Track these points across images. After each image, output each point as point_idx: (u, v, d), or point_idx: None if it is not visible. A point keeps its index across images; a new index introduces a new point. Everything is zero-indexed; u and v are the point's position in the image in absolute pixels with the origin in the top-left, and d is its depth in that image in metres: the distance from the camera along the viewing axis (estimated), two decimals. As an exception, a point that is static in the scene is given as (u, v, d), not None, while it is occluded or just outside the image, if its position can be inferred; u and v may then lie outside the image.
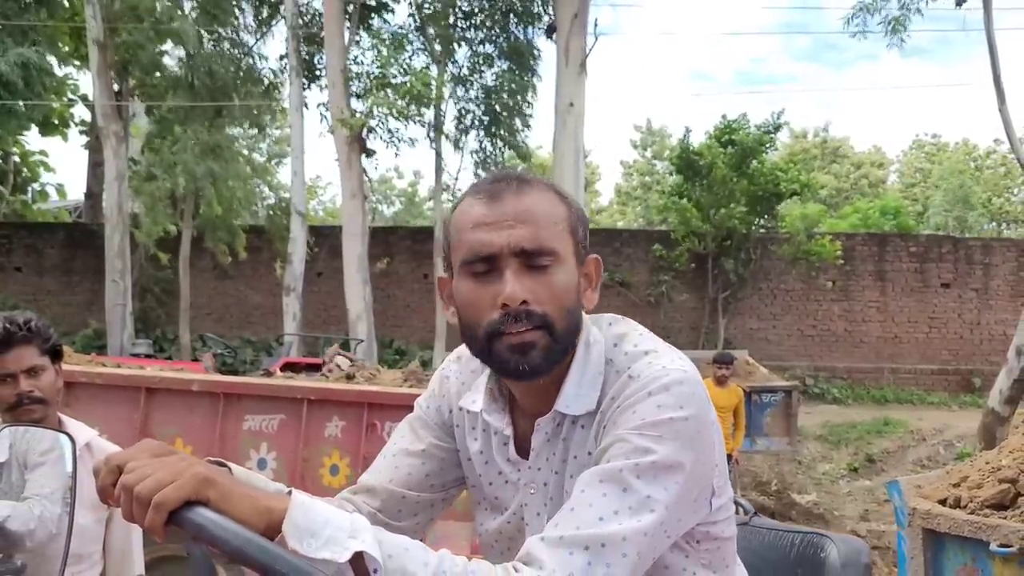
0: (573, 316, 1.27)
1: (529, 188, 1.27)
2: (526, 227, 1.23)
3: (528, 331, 1.21)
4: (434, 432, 1.46)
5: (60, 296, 18.32)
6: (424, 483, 1.44)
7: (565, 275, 1.26)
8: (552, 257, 1.24)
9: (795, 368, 17.24)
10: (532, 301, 1.22)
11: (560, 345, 1.24)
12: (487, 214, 1.25)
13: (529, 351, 1.22)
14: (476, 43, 16.69)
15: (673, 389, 1.19)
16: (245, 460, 4.92)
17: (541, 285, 1.23)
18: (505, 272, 1.22)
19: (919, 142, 40.87)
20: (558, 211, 1.28)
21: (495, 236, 1.23)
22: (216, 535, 0.97)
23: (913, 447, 13.22)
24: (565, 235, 1.27)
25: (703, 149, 17.31)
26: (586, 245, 1.32)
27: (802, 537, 1.69)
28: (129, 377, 5.12)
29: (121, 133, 15.50)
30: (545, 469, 1.32)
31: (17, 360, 2.26)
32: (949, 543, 3.31)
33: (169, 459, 1.01)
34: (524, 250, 1.22)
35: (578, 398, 1.28)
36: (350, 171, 13.74)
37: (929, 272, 18.40)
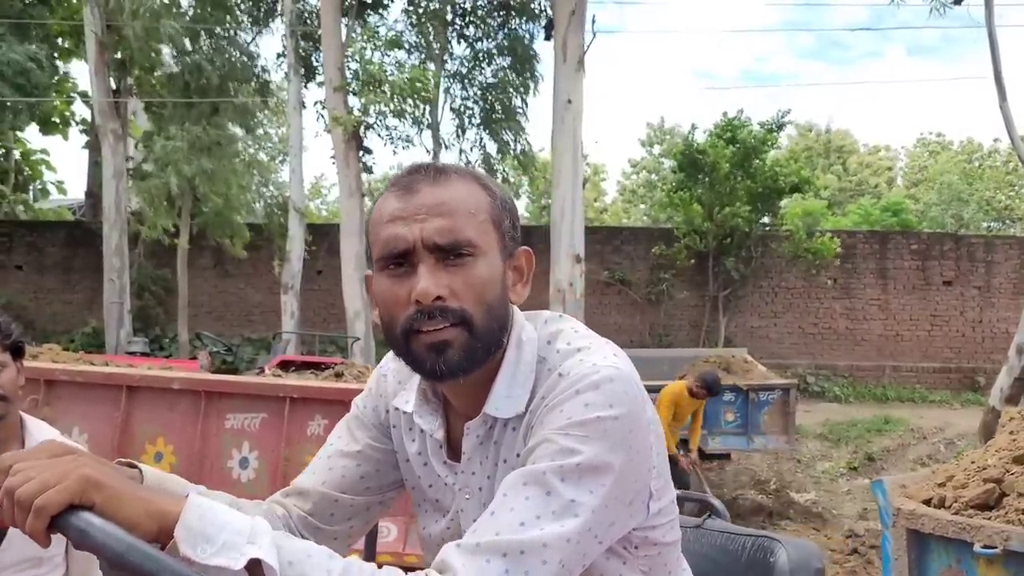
0: (496, 312, 1.20)
1: (445, 178, 1.21)
2: (441, 220, 1.17)
3: (444, 328, 1.15)
4: (370, 432, 1.40)
5: (60, 294, 18.33)
6: (359, 485, 1.38)
7: (486, 268, 1.19)
8: (470, 250, 1.17)
9: (796, 366, 17.18)
10: (448, 296, 1.15)
11: (481, 343, 1.18)
12: (401, 208, 1.19)
13: (446, 350, 1.16)
14: (474, 40, 16.65)
15: (603, 387, 1.12)
16: (227, 459, 4.88)
17: (458, 280, 1.16)
18: (419, 267, 1.17)
19: (923, 140, 40.75)
20: (478, 201, 1.21)
21: (408, 230, 1.17)
22: (98, 541, 0.92)
23: (914, 445, 13.15)
24: (486, 226, 1.20)
25: (706, 147, 17.24)
26: (516, 236, 1.26)
27: (753, 540, 1.64)
28: (110, 375, 5.06)
29: (119, 131, 15.51)
30: (479, 473, 1.26)
31: None
32: (934, 544, 3.25)
33: (60, 460, 0.96)
34: (437, 244, 1.16)
35: (508, 400, 1.22)
36: (348, 169, 13.72)
37: (931, 270, 18.33)
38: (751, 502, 10.10)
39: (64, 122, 21.51)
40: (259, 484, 4.85)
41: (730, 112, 17.90)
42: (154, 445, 4.90)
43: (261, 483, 4.85)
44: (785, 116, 17.69)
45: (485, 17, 16.47)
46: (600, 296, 18.01)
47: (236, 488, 4.82)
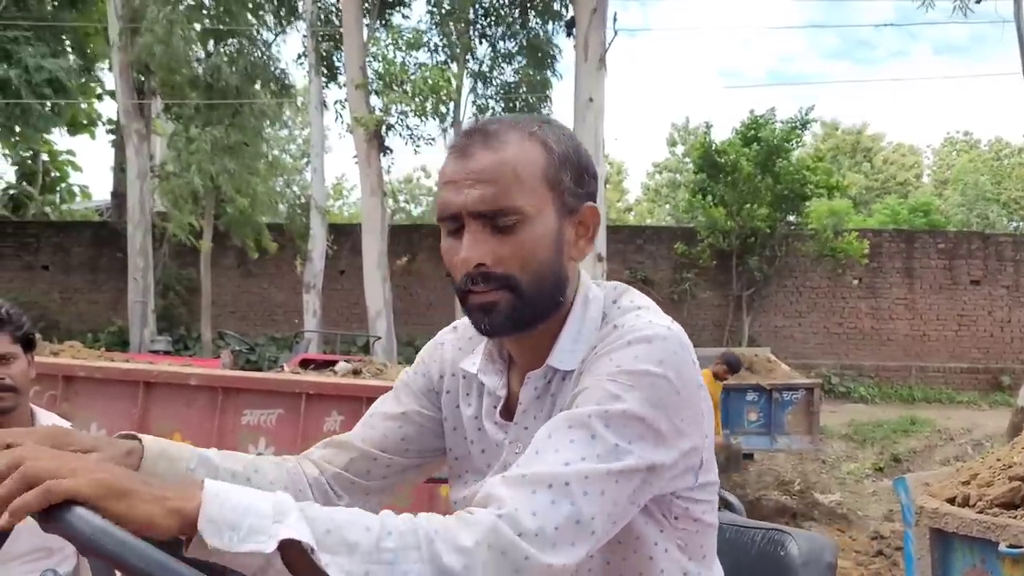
0: (547, 274, 1.21)
1: (496, 141, 1.19)
2: (484, 187, 1.17)
3: (490, 291, 1.18)
4: (418, 399, 1.42)
5: (86, 294, 18.52)
6: (399, 446, 1.39)
7: (535, 233, 1.19)
8: (516, 216, 1.17)
9: (821, 366, 17.03)
10: (492, 263, 1.17)
11: (528, 306, 1.19)
12: (452, 171, 1.20)
13: (492, 310, 1.19)
14: (496, 39, 16.64)
15: (655, 343, 1.14)
16: (243, 455, 4.87)
17: (504, 246, 1.18)
18: (464, 234, 1.18)
19: (951, 139, 40.33)
20: (531, 162, 1.19)
21: (455, 196, 1.19)
22: (87, 536, 0.89)
23: (940, 446, 12.99)
24: (538, 188, 1.19)
25: (726, 147, 17.12)
26: (579, 192, 1.24)
27: (764, 533, 1.60)
28: (128, 371, 5.08)
29: (143, 131, 15.65)
30: (532, 427, 1.24)
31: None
32: (957, 543, 3.20)
33: (83, 457, 0.97)
34: (480, 212, 1.17)
35: (572, 353, 1.24)
36: (369, 168, 13.76)
37: (958, 269, 18.12)
38: (775, 503, 10.01)
39: (91, 122, 21.73)
40: (275, 480, 4.86)
41: (757, 111, 17.75)
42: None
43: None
44: (809, 113, 17.51)
45: (507, 16, 16.46)
46: (617, 281, 17.95)
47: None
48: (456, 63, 15.99)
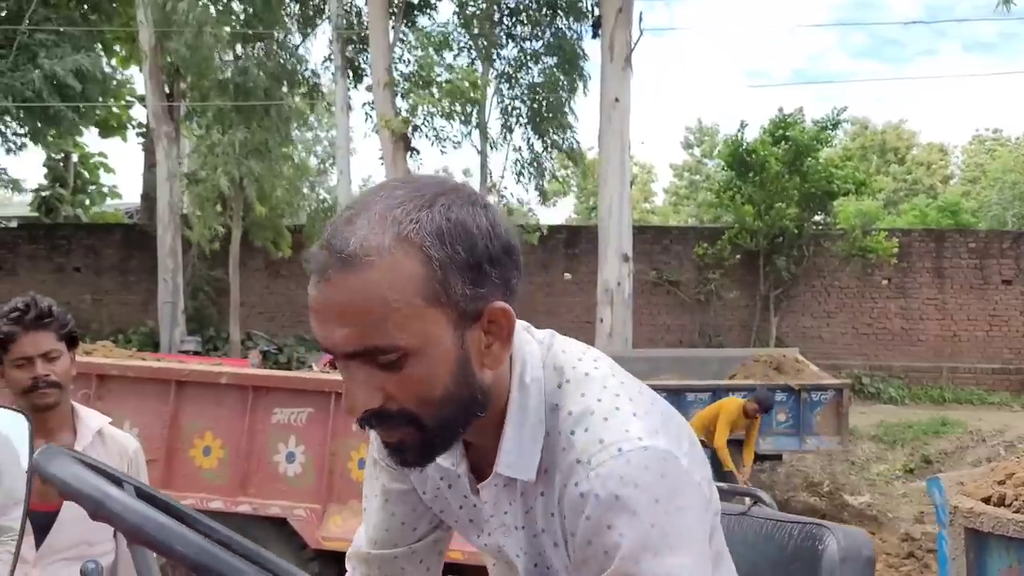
0: (452, 399, 1.01)
1: (357, 263, 0.93)
2: (350, 326, 0.95)
3: (392, 431, 1.01)
4: (390, 472, 1.28)
5: (117, 296, 18.73)
6: (406, 534, 1.30)
7: (426, 364, 0.97)
8: (396, 353, 0.95)
9: (850, 367, 16.90)
10: (384, 401, 0.98)
11: (440, 436, 1.03)
12: (313, 298, 0.97)
13: (403, 451, 1.03)
14: (522, 40, 16.65)
15: (642, 483, 0.98)
16: (274, 453, 4.94)
17: (391, 383, 0.98)
18: (344, 373, 0.99)
19: (979, 137, 39.87)
20: (405, 283, 0.94)
21: (322, 331, 0.98)
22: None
23: (972, 448, 12.85)
24: (420, 312, 0.95)
25: (756, 146, 17.03)
26: (481, 292, 0.99)
27: (800, 528, 1.58)
28: (159, 370, 5.15)
29: (172, 134, 15.82)
30: (511, 514, 1.15)
31: (35, 344, 2.28)
32: (993, 543, 3.17)
33: None
34: (355, 352, 0.96)
35: (520, 459, 1.08)
36: (395, 169, 13.81)
37: (989, 268, 17.91)
38: (804, 504, 9.93)
39: (121, 125, 22.01)
40: (305, 478, 4.91)
41: (785, 109, 17.65)
42: (202, 439, 4.97)
43: (308, 477, 4.90)
44: (841, 114, 17.40)
45: (533, 16, 16.46)
46: (648, 296, 17.89)
47: (282, 482, 4.88)
48: (482, 64, 16.02)
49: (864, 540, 1.53)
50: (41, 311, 2.30)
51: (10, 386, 2.29)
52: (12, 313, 2.27)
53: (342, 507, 4.86)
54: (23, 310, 2.28)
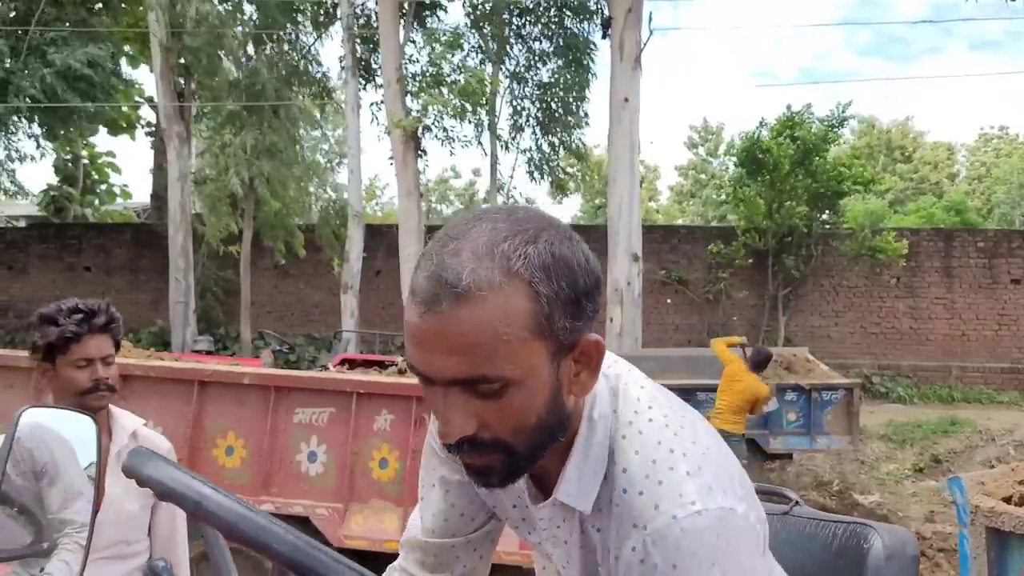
0: (544, 428, 1.04)
1: (470, 298, 0.95)
2: (459, 356, 0.96)
3: (481, 457, 1.03)
4: (449, 465, 1.31)
5: (127, 295, 18.79)
6: (463, 524, 1.33)
7: (526, 395, 1.00)
8: (500, 382, 0.98)
9: (858, 366, 16.90)
10: (477, 430, 1.01)
11: (527, 460, 1.06)
12: (419, 328, 0.97)
13: (488, 475, 1.06)
14: (531, 40, 16.68)
15: (703, 552, 1.01)
16: (296, 453, 4.96)
17: (489, 412, 1.00)
18: (442, 400, 1.00)
19: (985, 135, 39.77)
20: (515, 318, 0.96)
21: (424, 359, 0.98)
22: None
23: (981, 447, 12.84)
24: (526, 345, 0.97)
25: (770, 144, 17.01)
26: (578, 325, 1.02)
27: (845, 527, 1.60)
28: (182, 370, 5.17)
29: (184, 134, 15.85)
30: (563, 529, 1.18)
31: (98, 347, 2.32)
32: (1014, 542, 3.19)
33: None
34: (456, 379, 0.98)
35: (579, 488, 1.11)
36: (406, 169, 13.81)
37: (998, 268, 17.90)
38: (814, 503, 9.94)
39: (130, 125, 22.06)
40: (327, 478, 4.94)
41: (793, 108, 17.62)
42: (225, 439, 5.00)
43: (329, 477, 4.93)
44: (846, 110, 17.37)
45: (542, 16, 16.48)
46: (657, 296, 17.91)
47: (304, 481, 4.91)
48: (492, 64, 16.04)
49: (908, 538, 1.55)
50: (109, 316, 2.35)
51: (65, 386, 2.30)
52: (77, 314, 2.30)
53: (364, 506, 4.89)
54: (90, 313, 2.31)
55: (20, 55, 15.22)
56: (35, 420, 1.70)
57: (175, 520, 2.56)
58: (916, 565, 1.53)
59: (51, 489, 1.76)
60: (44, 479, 1.75)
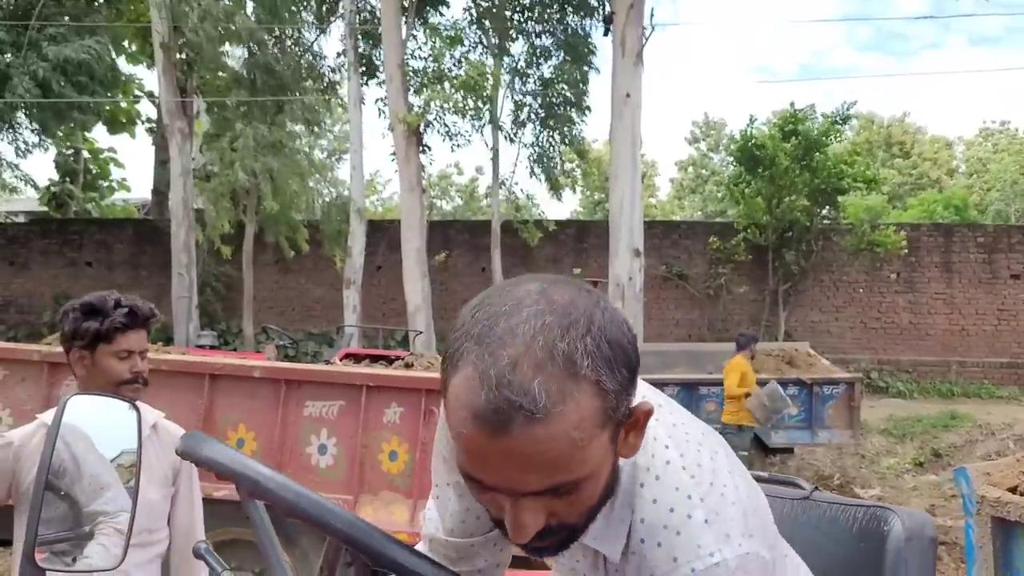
0: (601, 503, 1.04)
1: (544, 421, 0.90)
2: (536, 474, 0.93)
3: (543, 540, 1.01)
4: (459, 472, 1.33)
5: (129, 290, 18.10)
6: (480, 525, 1.34)
7: (595, 485, 1.00)
8: (575, 485, 0.96)
9: (858, 361, 16.94)
10: (547, 522, 0.99)
11: (582, 533, 1.06)
12: (485, 447, 0.92)
13: (544, 550, 1.05)
14: (533, 36, 16.69)
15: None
16: (306, 445, 4.99)
17: (560, 506, 0.98)
18: (509, 508, 0.98)
19: (986, 130, 39.81)
20: (588, 422, 0.93)
21: (494, 477, 0.95)
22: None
23: (981, 441, 12.89)
24: (596, 442, 0.95)
25: (765, 140, 17.07)
26: (630, 400, 0.99)
27: (865, 511, 1.63)
28: (193, 364, 5.21)
29: (186, 130, 15.85)
30: (582, 564, 1.19)
31: (139, 341, 2.39)
32: (1019, 531, 3.23)
33: None
34: (535, 492, 0.95)
35: (606, 534, 1.10)
36: (408, 165, 13.84)
37: (998, 263, 17.94)
38: (815, 497, 10.01)
39: (130, 121, 22.05)
40: (337, 470, 4.96)
41: (792, 105, 17.67)
42: (236, 432, 5.03)
43: (339, 469, 4.96)
44: (850, 108, 17.43)
45: (544, 12, 16.48)
46: (658, 291, 17.95)
47: (314, 473, 4.95)
48: (493, 60, 16.05)
49: (928, 521, 1.58)
50: (150, 312, 2.43)
51: (104, 375, 2.36)
52: (123, 308, 2.37)
53: (373, 498, 4.92)
54: (135, 309, 2.38)
55: (21, 49, 15.20)
56: (80, 407, 1.74)
57: (194, 510, 2.61)
58: (935, 547, 1.56)
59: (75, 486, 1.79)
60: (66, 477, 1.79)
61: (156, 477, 2.47)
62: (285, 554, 3.26)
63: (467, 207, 39.30)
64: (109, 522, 1.80)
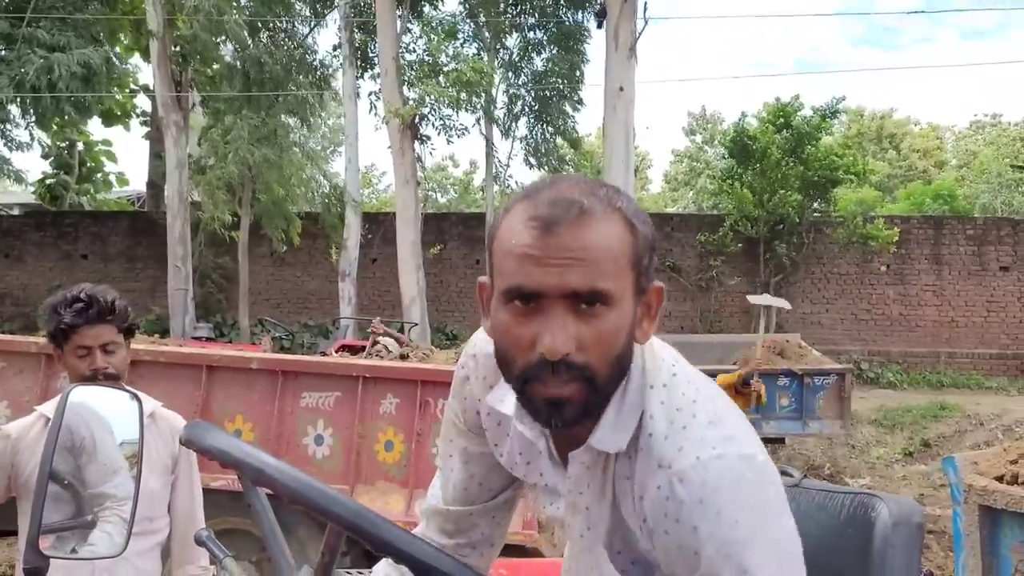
0: (620, 363, 1.13)
1: (590, 219, 1.08)
2: (581, 268, 1.06)
3: (566, 384, 1.09)
4: (467, 437, 1.40)
5: (124, 283, 18.74)
6: (482, 492, 1.42)
7: (617, 318, 1.10)
8: (606, 300, 1.08)
9: (849, 352, 17.02)
10: (575, 351, 1.07)
11: (599, 397, 1.13)
12: (538, 246, 1.07)
13: (564, 406, 1.10)
14: (526, 29, 16.67)
15: (725, 491, 1.08)
16: (303, 436, 5.03)
17: (588, 331, 1.08)
18: (549, 316, 1.07)
19: (977, 123, 39.88)
20: (623, 244, 1.10)
21: (542, 274, 1.07)
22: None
23: (970, 432, 12.98)
24: (626, 271, 1.10)
25: (757, 133, 17.12)
26: (650, 273, 1.15)
27: (852, 498, 1.67)
28: (191, 356, 5.25)
29: (181, 123, 15.80)
30: (587, 494, 1.24)
31: (96, 336, 2.37)
32: (1006, 519, 3.29)
33: None
34: (575, 292, 1.07)
35: (613, 435, 1.16)
36: (403, 158, 13.84)
37: (987, 255, 18.03)
38: (806, 487, 10.07)
39: (125, 114, 21.98)
40: (333, 460, 5.01)
41: (783, 98, 17.75)
42: (233, 423, 5.07)
43: (336, 460, 5.01)
44: (840, 103, 17.51)
45: (537, 5, 16.46)
46: (651, 283, 18.00)
47: (311, 464, 5.00)
48: (487, 53, 16.04)
49: (915, 507, 1.62)
50: (103, 307, 2.38)
51: (69, 373, 2.38)
52: (76, 304, 2.36)
53: (370, 488, 4.96)
54: (87, 303, 2.36)
55: (16, 47, 15.14)
56: (82, 398, 1.77)
57: (194, 496, 2.64)
58: (922, 533, 1.60)
59: (90, 465, 1.82)
60: (83, 455, 1.82)
61: (156, 466, 2.50)
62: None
63: (462, 199, 39.26)
64: (115, 508, 1.83)
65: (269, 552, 1.18)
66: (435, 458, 1.51)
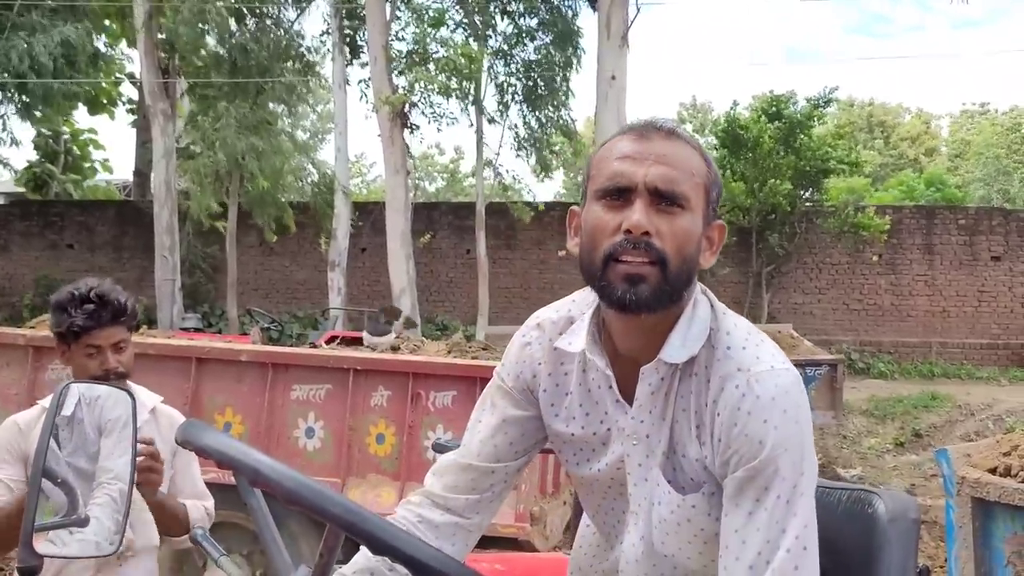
0: (689, 265, 1.32)
1: (677, 138, 1.34)
2: (666, 168, 1.30)
3: (644, 263, 1.27)
4: (514, 401, 1.52)
5: (111, 273, 18.59)
6: (509, 452, 1.52)
7: (691, 223, 1.32)
8: (683, 203, 1.30)
9: (840, 342, 17.06)
10: (655, 234, 1.28)
11: (670, 287, 1.30)
12: (633, 149, 1.32)
13: (640, 283, 1.27)
14: (517, 16, 16.55)
15: (789, 397, 1.30)
16: (293, 429, 5.00)
17: (666, 224, 1.29)
18: (635, 203, 1.28)
19: (967, 112, 39.96)
20: (699, 166, 1.35)
21: (635, 169, 1.30)
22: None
23: (961, 421, 13.02)
24: (699, 190, 1.34)
25: (749, 123, 17.09)
26: (716, 209, 1.39)
27: (849, 493, 1.68)
28: (180, 348, 5.21)
29: (168, 111, 15.70)
30: (648, 421, 1.39)
31: (108, 337, 2.35)
32: (998, 512, 3.28)
33: None
34: (659, 189, 1.29)
35: (682, 349, 1.34)
36: (393, 147, 13.79)
37: (979, 245, 18.06)
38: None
39: (111, 102, 21.84)
40: (324, 453, 4.98)
41: (776, 88, 17.74)
42: (223, 415, 5.04)
43: (326, 452, 4.97)
44: (832, 92, 17.48)
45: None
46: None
47: (302, 456, 4.97)
48: (477, 40, 15.93)
49: (911, 503, 1.62)
50: (116, 309, 2.37)
51: (77, 372, 2.35)
52: (87, 305, 2.33)
53: (361, 480, 4.93)
54: (99, 304, 2.33)
55: (3, 31, 15.01)
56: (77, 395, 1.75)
57: (196, 480, 2.63)
58: (918, 528, 1.60)
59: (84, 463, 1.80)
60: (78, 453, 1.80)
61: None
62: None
63: (449, 187, 39.17)
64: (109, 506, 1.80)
65: (267, 552, 1.19)
66: (426, 451, 1.54)
